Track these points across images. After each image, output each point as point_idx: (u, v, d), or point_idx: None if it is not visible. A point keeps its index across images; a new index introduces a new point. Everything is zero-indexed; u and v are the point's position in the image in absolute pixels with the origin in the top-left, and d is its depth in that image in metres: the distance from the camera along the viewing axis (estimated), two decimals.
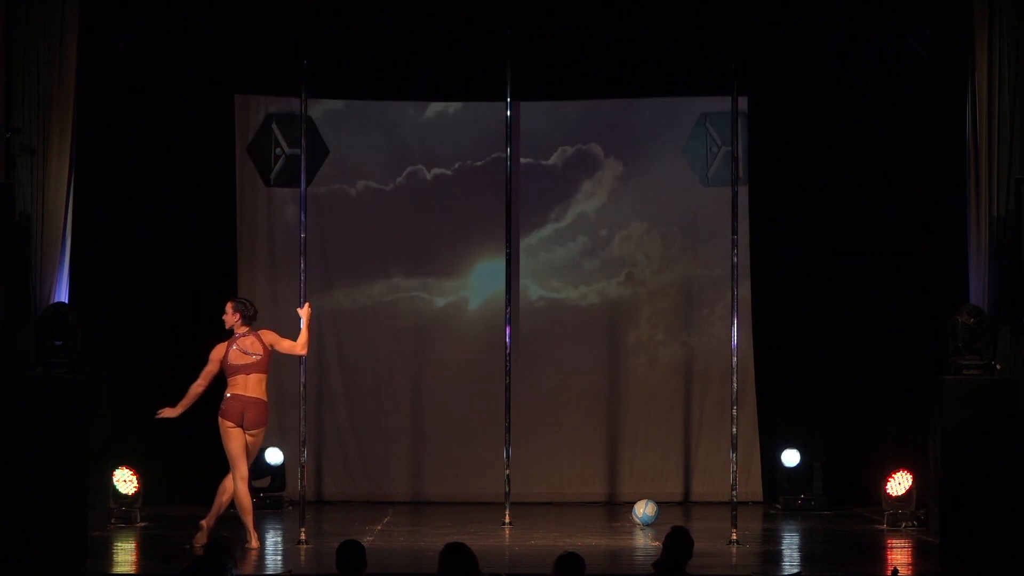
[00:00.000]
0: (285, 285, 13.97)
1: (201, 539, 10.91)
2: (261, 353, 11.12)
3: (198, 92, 14.05)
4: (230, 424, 11.01)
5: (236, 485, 11.04)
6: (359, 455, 14.34)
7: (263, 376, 11.12)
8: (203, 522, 11.07)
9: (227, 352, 11.11)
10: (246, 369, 11.07)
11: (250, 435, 11.08)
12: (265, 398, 11.11)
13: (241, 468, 11.05)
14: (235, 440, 11.03)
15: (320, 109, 14.16)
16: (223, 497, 11.10)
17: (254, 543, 11.07)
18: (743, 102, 13.51)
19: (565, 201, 14.53)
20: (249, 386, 11.06)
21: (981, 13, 11.22)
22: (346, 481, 14.35)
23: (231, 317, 11.23)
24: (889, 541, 12.03)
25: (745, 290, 13.91)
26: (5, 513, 10.50)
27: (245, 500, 11.08)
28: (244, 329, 11.18)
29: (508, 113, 12.77)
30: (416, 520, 13.17)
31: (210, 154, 14.15)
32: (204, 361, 14.01)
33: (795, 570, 10.57)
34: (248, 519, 11.09)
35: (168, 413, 11.22)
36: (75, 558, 10.46)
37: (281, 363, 13.99)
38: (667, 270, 14.48)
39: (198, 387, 11.14)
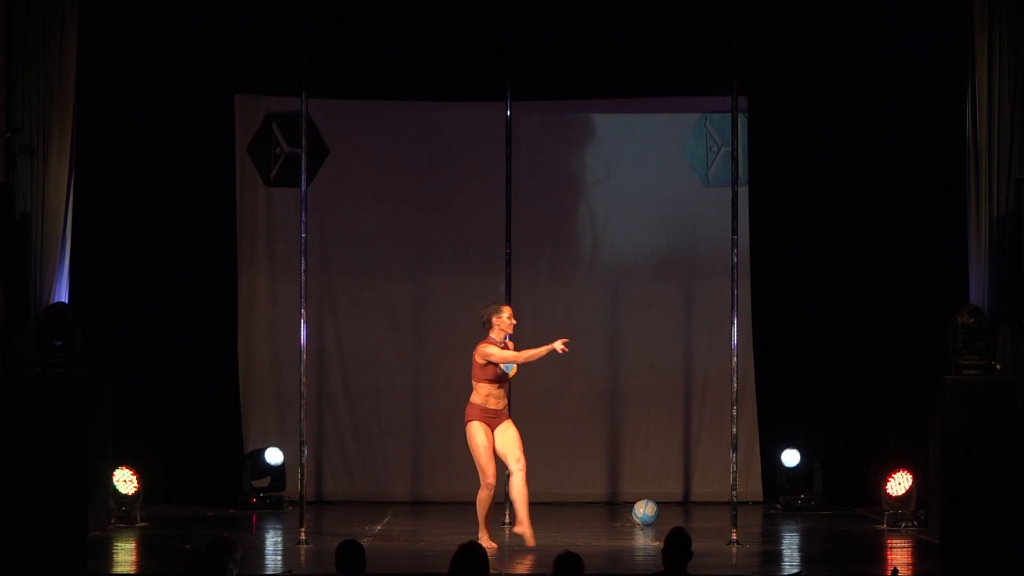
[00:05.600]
0: (285, 285, 13.98)
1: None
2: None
3: (198, 92, 14.05)
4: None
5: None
6: (359, 455, 14.35)
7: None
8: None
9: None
10: None
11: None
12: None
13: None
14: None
15: (320, 108, 14.13)
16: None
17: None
18: (743, 102, 13.50)
19: (565, 200, 14.53)
20: None
21: (981, 13, 11.22)
22: (346, 481, 14.35)
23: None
24: (889, 541, 12.03)
25: (745, 290, 13.90)
26: (5, 513, 10.50)
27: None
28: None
29: (508, 113, 12.76)
30: (416, 520, 13.17)
31: (210, 154, 14.16)
32: (203, 361, 14.12)
33: (795, 570, 10.57)
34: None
35: None
36: (75, 558, 10.46)
37: (281, 362, 14.06)
38: (667, 270, 14.47)
39: None
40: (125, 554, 11.47)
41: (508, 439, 11.25)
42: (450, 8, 11.99)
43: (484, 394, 11.29)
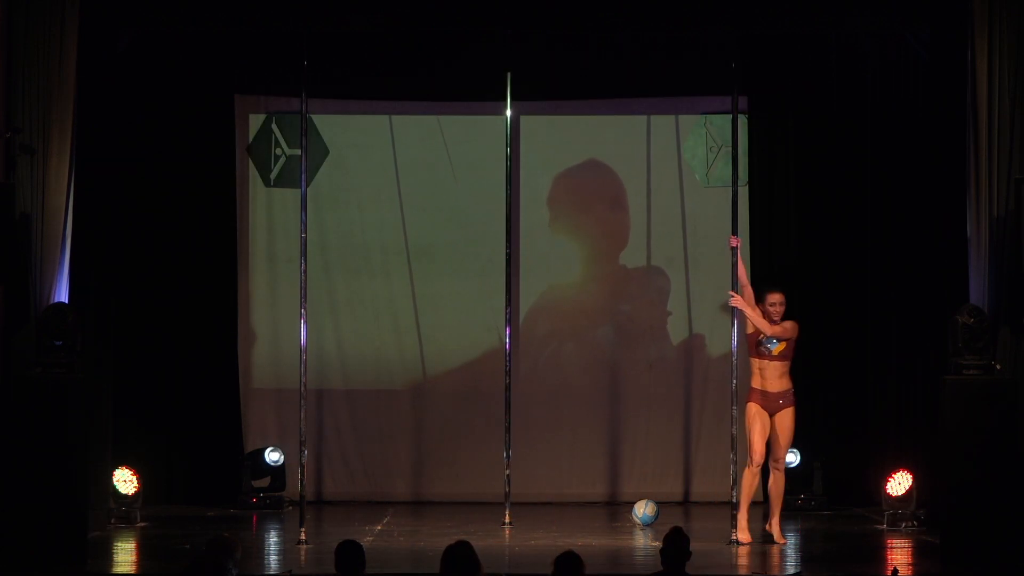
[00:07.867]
0: (285, 285, 13.98)
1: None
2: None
3: (198, 92, 14.04)
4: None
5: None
6: (359, 455, 14.34)
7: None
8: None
9: None
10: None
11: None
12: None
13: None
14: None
15: (320, 108, 14.12)
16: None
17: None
18: (743, 102, 13.49)
19: (565, 200, 14.53)
20: None
21: (981, 13, 11.22)
22: (346, 481, 14.34)
23: None
24: (889, 541, 12.03)
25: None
26: (5, 513, 10.50)
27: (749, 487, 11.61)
28: None
29: (508, 112, 12.77)
30: (416, 520, 13.17)
31: (210, 154, 14.15)
32: (203, 361, 14.12)
33: (795, 570, 10.57)
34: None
35: None
36: (75, 558, 10.46)
37: (281, 362, 14.06)
38: (667, 270, 14.47)
39: None
40: (125, 554, 11.47)
41: (779, 432, 11.55)
42: (450, 8, 11.99)
43: (756, 371, 11.54)
